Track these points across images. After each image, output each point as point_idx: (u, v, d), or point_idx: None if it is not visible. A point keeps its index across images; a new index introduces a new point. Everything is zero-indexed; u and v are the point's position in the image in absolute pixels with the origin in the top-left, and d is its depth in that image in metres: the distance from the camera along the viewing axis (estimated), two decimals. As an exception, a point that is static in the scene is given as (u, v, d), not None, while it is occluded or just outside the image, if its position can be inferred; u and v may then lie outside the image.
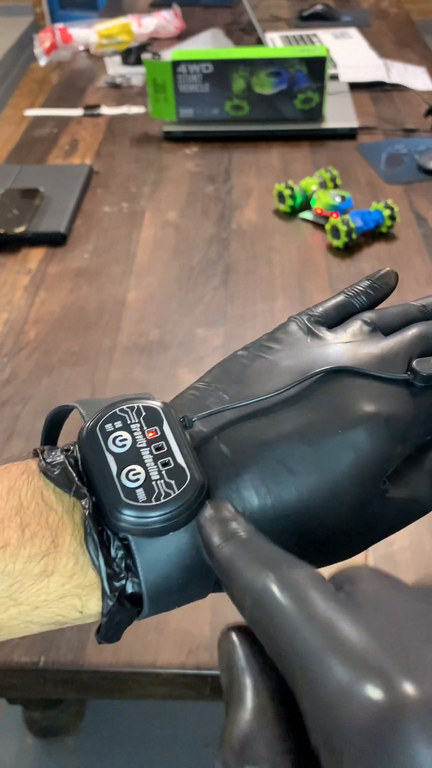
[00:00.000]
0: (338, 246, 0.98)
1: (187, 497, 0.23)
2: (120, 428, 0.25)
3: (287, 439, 0.25)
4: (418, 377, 0.27)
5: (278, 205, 1.08)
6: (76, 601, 0.24)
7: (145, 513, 0.23)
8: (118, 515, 0.23)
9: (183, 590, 0.24)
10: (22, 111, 1.45)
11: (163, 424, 0.25)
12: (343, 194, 1.03)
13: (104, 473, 0.24)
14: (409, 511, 0.28)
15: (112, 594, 0.23)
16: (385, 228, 1.00)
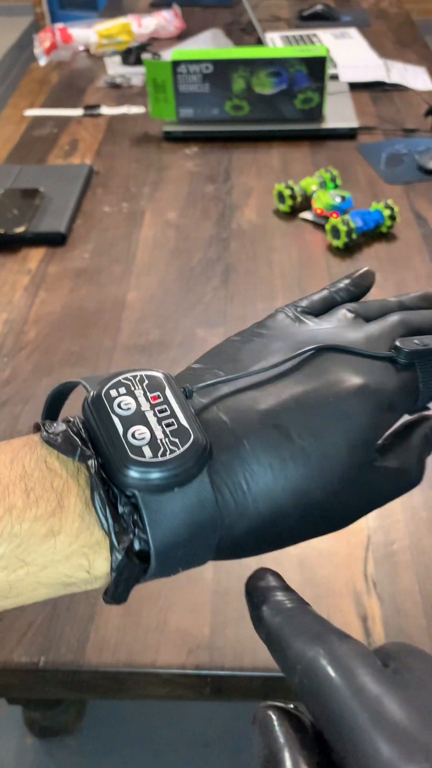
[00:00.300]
0: (338, 246, 0.98)
1: (192, 454, 0.25)
2: (124, 394, 0.26)
3: (284, 407, 0.27)
4: (401, 354, 0.29)
5: (278, 205, 1.08)
6: (83, 561, 0.24)
7: (152, 468, 0.24)
8: (126, 471, 0.24)
9: (188, 547, 0.25)
10: (22, 111, 1.45)
11: (165, 390, 0.27)
12: (343, 194, 1.03)
13: (111, 434, 0.25)
14: (399, 481, 0.29)
15: (121, 547, 0.24)
16: (385, 228, 1.00)
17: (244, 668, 0.53)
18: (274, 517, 0.26)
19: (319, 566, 0.59)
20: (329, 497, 0.27)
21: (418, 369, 0.30)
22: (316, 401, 0.27)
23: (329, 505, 0.27)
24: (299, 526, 0.27)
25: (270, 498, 0.26)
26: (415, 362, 0.29)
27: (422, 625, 0.55)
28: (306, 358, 0.29)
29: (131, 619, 0.56)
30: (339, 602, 0.57)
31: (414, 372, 0.30)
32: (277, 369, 0.28)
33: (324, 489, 0.27)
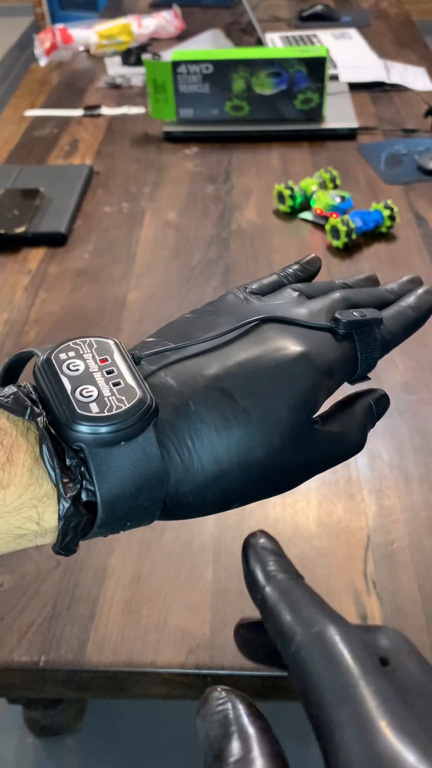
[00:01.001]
0: (338, 246, 0.98)
1: (137, 410, 0.26)
2: (73, 357, 0.28)
3: (228, 372, 0.29)
4: (339, 324, 0.31)
5: (278, 205, 1.08)
6: (32, 512, 0.25)
7: (99, 423, 0.25)
8: (74, 426, 0.25)
9: (134, 500, 0.26)
10: (23, 111, 1.45)
11: (113, 354, 0.28)
12: (342, 194, 1.03)
13: (59, 392, 0.26)
14: (339, 445, 0.31)
15: (68, 496, 0.25)
16: (385, 228, 1.00)
17: (243, 668, 0.53)
18: (217, 475, 0.27)
19: (319, 566, 0.60)
20: (270, 456, 0.28)
21: (356, 339, 0.32)
22: (259, 366, 0.29)
23: (270, 463, 0.28)
24: (242, 485, 0.28)
25: (213, 456, 0.27)
26: (353, 333, 0.31)
27: (422, 625, 0.55)
28: (250, 328, 0.31)
29: (131, 619, 0.56)
30: (339, 602, 0.57)
31: (352, 342, 0.32)
32: (223, 338, 0.31)
33: (265, 447, 0.28)
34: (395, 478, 0.67)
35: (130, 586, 0.59)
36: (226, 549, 0.61)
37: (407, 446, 0.70)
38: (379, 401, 0.34)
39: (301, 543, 0.61)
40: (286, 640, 0.24)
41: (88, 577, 0.59)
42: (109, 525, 0.26)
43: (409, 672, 0.24)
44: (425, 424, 0.72)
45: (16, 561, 0.61)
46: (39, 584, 0.59)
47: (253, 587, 0.27)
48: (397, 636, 0.26)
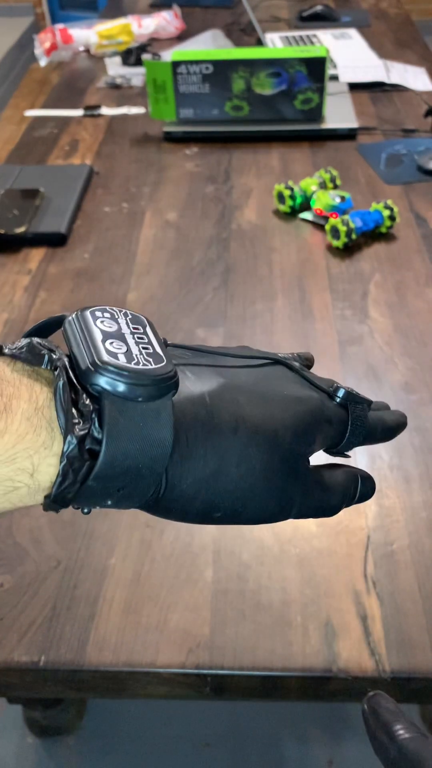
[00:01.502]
0: (338, 246, 0.98)
1: (162, 374, 0.26)
2: (108, 317, 0.28)
3: (243, 384, 0.31)
4: (338, 392, 0.34)
5: (278, 205, 1.08)
6: (26, 463, 0.25)
7: (123, 372, 0.25)
8: (99, 368, 0.25)
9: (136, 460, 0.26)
10: (23, 111, 1.45)
11: (146, 327, 0.29)
12: (342, 195, 1.03)
13: (89, 338, 0.27)
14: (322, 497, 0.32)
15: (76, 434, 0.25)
16: (385, 228, 1.00)
17: (243, 667, 0.53)
18: (216, 472, 0.28)
19: (319, 566, 0.60)
20: (266, 471, 0.29)
21: (350, 409, 0.34)
22: (270, 391, 0.31)
23: (263, 479, 0.29)
24: (234, 491, 0.29)
25: (216, 450, 0.28)
26: (348, 405, 0.33)
27: (422, 625, 0.55)
28: (267, 363, 0.34)
29: (131, 619, 0.56)
30: (339, 602, 0.57)
31: (346, 414, 0.33)
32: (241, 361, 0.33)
33: (264, 461, 0.29)
34: (395, 478, 0.67)
35: (130, 586, 0.59)
36: (226, 549, 0.61)
37: (407, 446, 0.70)
38: (365, 483, 0.34)
39: (301, 543, 0.61)
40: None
41: (88, 577, 0.59)
42: (105, 480, 0.25)
43: None
44: (425, 424, 0.72)
45: (16, 561, 0.61)
46: (39, 584, 0.59)
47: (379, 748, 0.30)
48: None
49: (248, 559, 0.60)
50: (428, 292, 0.91)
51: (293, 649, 0.54)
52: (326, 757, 1.10)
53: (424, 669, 0.53)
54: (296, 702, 0.61)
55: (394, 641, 0.54)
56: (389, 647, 0.54)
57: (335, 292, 0.91)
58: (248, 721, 1.14)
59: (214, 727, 1.13)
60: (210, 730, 1.13)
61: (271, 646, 0.54)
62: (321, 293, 0.91)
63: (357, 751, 1.10)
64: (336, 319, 0.87)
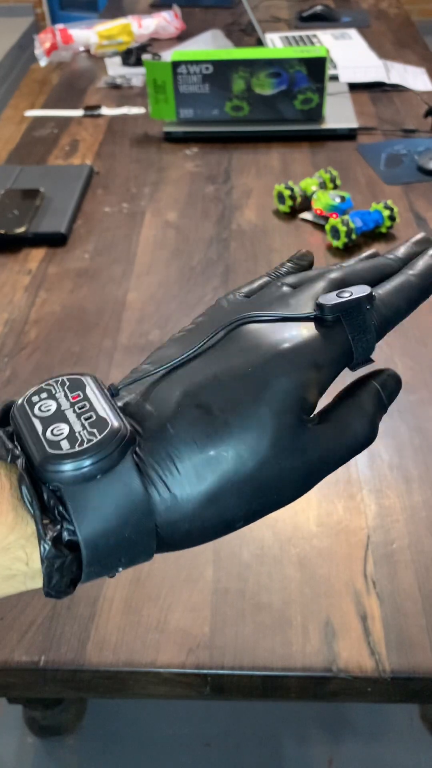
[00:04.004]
0: (338, 246, 0.99)
1: (110, 441, 0.25)
2: (45, 398, 0.27)
3: (203, 386, 0.27)
4: (324, 310, 0.29)
5: (278, 205, 1.08)
6: (20, 553, 0.25)
7: (70, 459, 0.25)
8: (46, 465, 0.25)
9: (121, 534, 0.25)
10: (23, 111, 1.45)
11: (86, 389, 0.28)
12: (342, 195, 1.03)
13: (31, 433, 0.26)
14: (343, 441, 0.28)
15: (48, 537, 0.24)
16: (385, 228, 1.00)
17: (243, 667, 0.53)
18: (209, 497, 0.26)
19: (319, 566, 0.60)
20: (262, 467, 0.26)
21: (345, 322, 0.29)
22: (235, 373, 0.27)
23: (265, 475, 0.26)
24: (238, 503, 0.26)
25: (200, 477, 0.26)
26: (340, 317, 0.29)
27: (422, 625, 0.55)
28: (226, 334, 0.29)
29: (131, 619, 0.56)
30: (339, 602, 0.57)
31: (342, 327, 0.29)
32: (197, 351, 0.29)
33: (254, 459, 0.26)
34: (395, 478, 0.67)
35: (130, 586, 0.59)
36: (226, 549, 0.61)
37: (407, 446, 0.70)
38: (387, 383, 0.31)
39: (301, 543, 0.61)
40: None
41: (88, 577, 0.59)
42: (98, 564, 0.25)
43: None
44: (425, 424, 0.72)
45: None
46: (39, 584, 0.59)
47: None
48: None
49: (248, 558, 0.60)
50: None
51: (293, 648, 0.54)
52: (326, 757, 1.10)
53: (424, 669, 0.53)
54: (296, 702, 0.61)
55: (394, 641, 0.54)
56: (389, 647, 0.54)
57: (335, 292, 0.91)
58: (248, 721, 1.14)
59: (214, 727, 1.13)
60: (210, 730, 1.13)
61: (271, 645, 0.54)
62: (321, 293, 0.91)
63: (357, 751, 1.10)
64: (336, 319, 0.87)
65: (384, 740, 1.11)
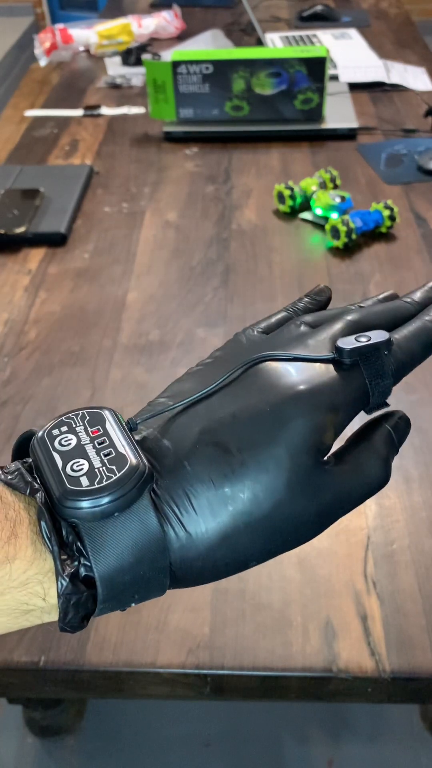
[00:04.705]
0: (338, 246, 0.98)
1: (129, 478, 0.25)
2: (65, 432, 0.27)
3: (221, 424, 0.28)
4: (343, 353, 0.29)
5: (278, 205, 1.08)
6: (38, 588, 0.25)
7: (89, 496, 0.25)
8: (65, 501, 0.25)
9: (136, 571, 0.25)
10: (23, 111, 1.45)
11: (105, 424, 0.28)
12: (342, 195, 1.03)
13: (52, 468, 0.26)
14: (358, 483, 0.29)
15: (66, 574, 0.24)
16: (385, 228, 1.00)
17: (243, 667, 0.53)
18: (224, 536, 0.26)
19: (319, 566, 0.60)
20: (278, 508, 0.26)
21: (363, 367, 0.29)
22: (253, 412, 0.28)
23: (280, 516, 0.27)
24: (253, 543, 0.27)
25: (216, 516, 0.26)
26: (358, 361, 0.29)
27: (422, 625, 0.55)
28: (245, 372, 0.29)
29: (131, 619, 0.56)
30: (339, 602, 0.57)
31: (360, 371, 0.29)
32: (215, 388, 0.29)
33: (270, 500, 0.26)
34: (395, 478, 0.67)
35: (130, 586, 0.59)
36: (226, 549, 0.61)
37: (407, 446, 0.70)
38: (398, 426, 0.31)
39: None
40: None
41: (88, 577, 0.59)
42: (113, 600, 0.25)
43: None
44: (425, 424, 0.72)
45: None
46: (39, 584, 0.59)
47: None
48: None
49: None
50: (428, 292, 0.91)
51: (293, 649, 0.54)
52: (326, 757, 1.10)
53: (424, 669, 0.53)
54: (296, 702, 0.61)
55: (394, 641, 0.54)
56: (389, 647, 0.54)
57: (335, 292, 0.91)
58: (248, 721, 1.14)
59: (214, 727, 1.13)
60: (210, 730, 1.13)
61: (271, 646, 0.54)
62: (321, 293, 0.91)
63: (357, 751, 1.10)
64: (336, 319, 0.87)
65: (384, 740, 1.11)
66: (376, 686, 0.53)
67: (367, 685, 0.53)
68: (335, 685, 0.54)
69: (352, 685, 0.53)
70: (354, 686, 0.53)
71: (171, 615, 0.56)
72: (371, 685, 0.53)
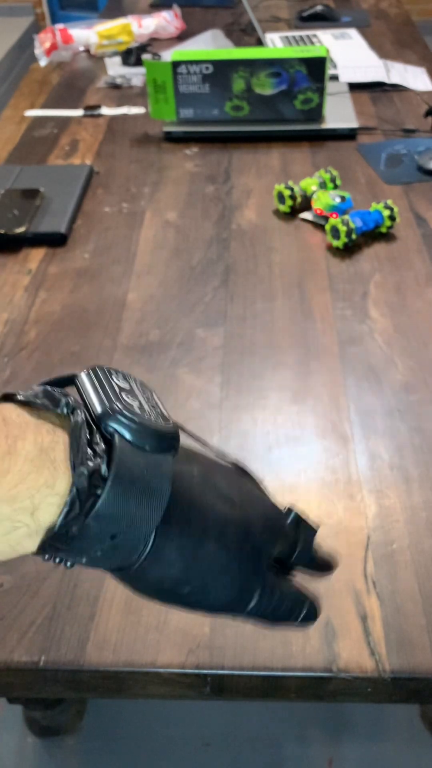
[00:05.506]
0: (338, 246, 0.98)
1: (167, 430, 0.29)
2: (122, 378, 0.31)
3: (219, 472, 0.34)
4: (290, 514, 0.37)
5: (278, 205, 1.08)
6: (27, 503, 0.26)
7: (135, 419, 0.28)
8: (116, 413, 0.27)
9: (135, 506, 0.27)
10: (23, 111, 1.45)
11: (153, 394, 0.32)
12: (342, 194, 1.03)
13: (108, 388, 0.29)
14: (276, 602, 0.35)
15: (87, 467, 0.26)
16: (385, 228, 1.00)
17: (244, 667, 0.53)
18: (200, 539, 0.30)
19: (319, 566, 0.60)
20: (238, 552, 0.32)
21: (300, 534, 0.37)
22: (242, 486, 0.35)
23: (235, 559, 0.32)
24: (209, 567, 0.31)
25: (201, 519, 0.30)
26: (299, 525, 0.37)
27: (422, 625, 0.55)
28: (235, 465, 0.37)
29: (131, 619, 0.56)
30: (339, 602, 0.57)
31: (295, 534, 0.37)
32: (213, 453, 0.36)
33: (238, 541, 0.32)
34: (395, 478, 0.67)
35: (130, 586, 0.58)
36: (226, 549, 0.61)
37: (407, 446, 0.70)
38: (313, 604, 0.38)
39: (301, 543, 0.61)
40: None
41: (88, 577, 0.59)
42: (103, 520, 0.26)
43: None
44: (425, 424, 0.72)
45: (16, 561, 0.61)
46: (39, 584, 0.59)
47: None
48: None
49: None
50: (428, 292, 0.91)
51: (293, 648, 0.54)
52: (326, 757, 1.10)
53: (424, 669, 0.53)
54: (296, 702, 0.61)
55: (394, 641, 0.54)
56: (389, 647, 0.54)
57: (335, 292, 0.91)
58: (248, 721, 1.14)
59: (214, 727, 1.13)
60: (210, 730, 1.13)
61: (271, 646, 0.54)
62: (321, 293, 0.91)
63: (357, 751, 1.10)
64: (336, 319, 0.87)
65: (384, 740, 1.11)
66: (376, 686, 0.53)
67: (367, 685, 0.53)
68: (335, 685, 0.54)
69: (352, 684, 0.53)
70: (354, 686, 0.53)
71: (171, 615, 0.56)
72: (371, 685, 0.53)
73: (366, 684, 0.53)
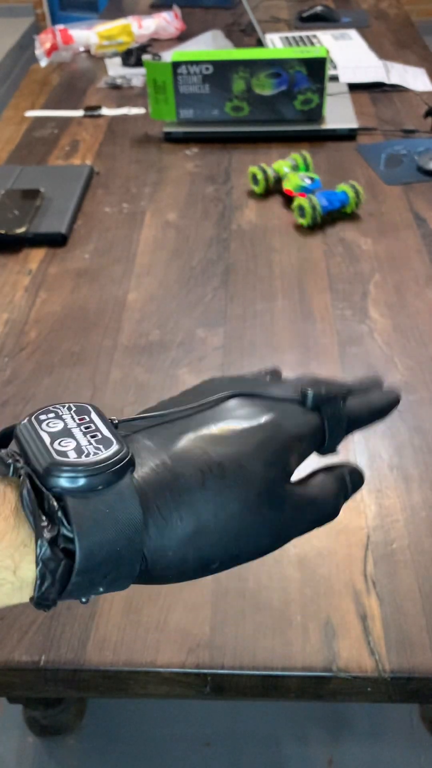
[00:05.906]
0: (304, 224, 1.02)
1: (114, 457, 0.27)
2: (53, 417, 0.29)
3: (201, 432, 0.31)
4: (307, 397, 0.33)
5: (252, 186, 1.11)
6: (8, 561, 0.25)
7: (76, 468, 0.26)
8: (53, 471, 0.26)
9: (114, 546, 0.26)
10: (23, 112, 1.45)
11: (90, 414, 0.30)
12: (312, 176, 1.06)
13: (39, 444, 0.28)
14: (314, 509, 0.32)
15: (46, 537, 0.25)
16: (350, 209, 1.03)
17: (243, 667, 0.53)
18: (196, 529, 0.28)
19: (319, 565, 0.60)
20: (246, 510, 0.29)
21: (324, 414, 0.33)
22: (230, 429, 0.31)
23: (247, 519, 0.29)
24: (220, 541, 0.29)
25: (192, 509, 0.28)
26: (320, 407, 0.33)
27: (422, 625, 0.55)
28: (220, 401, 0.33)
29: (132, 618, 0.56)
30: (339, 602, 0.57)
31: (320, 416, 0.33)
32: (196, 408, 0.32)
33: (241, 501, 0.29)
34: (395, 478, 0.67)
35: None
36: (226, 549, 0.61)
37: (407, 446, 0.70)
38: (353, 475, 0.35)
39: (301, 543, 0.61)
40: None
41: (89, 577, 0.59)
42: (88, 574, 0.26)
43: None
44: (425, 424, 0.72)
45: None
46: (39, 584, 0.59)
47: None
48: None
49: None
50: (428, 292, 0.91)
51: (293, 648, 0.54)
52: (326, 757, 1.10)
53: (424, 669, 0.53)
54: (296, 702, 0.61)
55: (393, 641, 0.54)
56: (389, 647, 0.54)
57: (335, 292, 0.91)
58: (248, 721, 1.14)
59: (214, 727, 1.13)
60: (210, 730, 1.13)
61: (271, 645, 0.54)
62: (321, 293, 0.91)
63: (357, 751, 1.10)
64: (336, 319, 0.87)
65: (384, 740, 1.12)
66: (376, 686, 0.53)
67: (366, 685, 0.53)
68: (335, 685, 0.54)
69: (352, 684, 0.53)
70: (354, 686, 0.53)
71: (171, 614, 0.57)
72: (371, 685, 0.53)
73: (366, 684, 0.53)
